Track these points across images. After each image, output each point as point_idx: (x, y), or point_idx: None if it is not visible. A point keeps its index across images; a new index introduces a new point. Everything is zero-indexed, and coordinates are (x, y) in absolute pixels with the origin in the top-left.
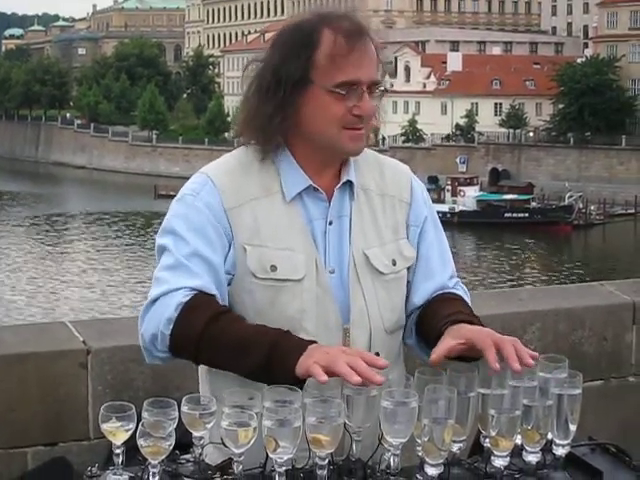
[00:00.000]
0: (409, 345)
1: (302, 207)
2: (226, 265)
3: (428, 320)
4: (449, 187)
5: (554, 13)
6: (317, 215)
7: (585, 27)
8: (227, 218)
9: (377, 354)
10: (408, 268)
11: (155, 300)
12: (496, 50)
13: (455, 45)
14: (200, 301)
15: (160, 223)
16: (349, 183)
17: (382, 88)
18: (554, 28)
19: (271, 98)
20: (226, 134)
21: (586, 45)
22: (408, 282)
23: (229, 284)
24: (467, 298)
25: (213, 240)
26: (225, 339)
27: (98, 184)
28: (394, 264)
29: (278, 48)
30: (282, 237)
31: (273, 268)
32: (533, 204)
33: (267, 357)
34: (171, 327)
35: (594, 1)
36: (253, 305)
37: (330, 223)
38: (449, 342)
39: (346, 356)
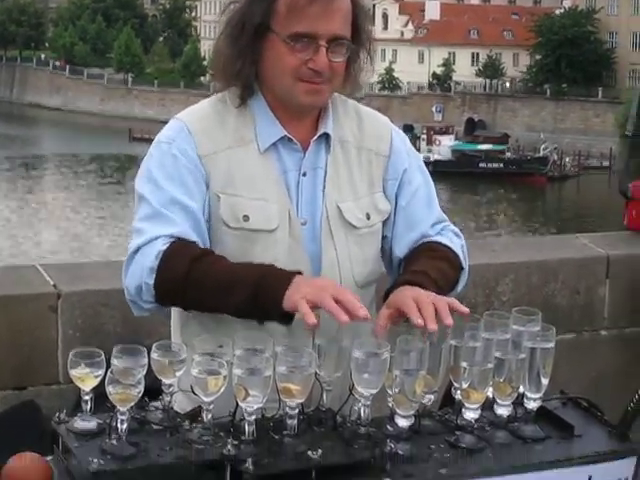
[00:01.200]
0: None
1: (276, 157)
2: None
3: None
4: (424, 136)
5: None
6: (291, 166)
7: None
8: (203, 165)
9: None
10: (384, 222)
11: (136, 251)
12: None
13: None
14: (180, 247)
15: (134, 166)
16: (326, 135)
17: (345, 42)
18: None
19: (236, 42)
20: (202, 78)
21: None
22: (385, 236)
23: None
24: (454, 241)
25: (190, 186)
26: (210, 280)
27: (73, 126)
28: (368, 218)
29: None
30: (256, 187)
31: (246, 218)
32: (508, 154)
33: (253, 292)
34: (154, 276)
35: None
36: (225, 255)
37: (304, 174)
38: (384, 313)
39: (332, 289)
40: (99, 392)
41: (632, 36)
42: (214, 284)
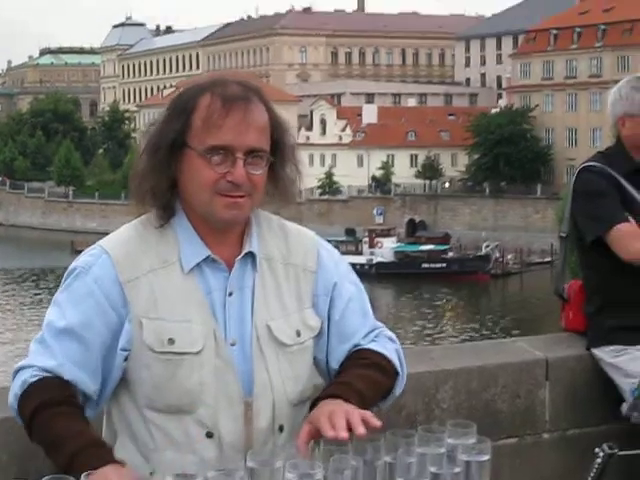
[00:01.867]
0: None
1: (201, 278)
2: (121, 341)
3: None
4: (366, 239)
5: (467, 64)
6: (216, 286)
7: (499, 77)
8: (122, 292)
9: (281, 427)
10: (317, 339)
11: (17, 371)
12: (411, 102)
13: (370, 97)
14: (40, 385)
15: None
16: (251, 254)
17: (263, 154)
18: (468, 79)
19: (152, 160)
20: None
21: (500, 95)
22: (315, 357)
23: (126, 359)
24: (388, 347)
25: (92, 318)
26: (44, 432)
27: (14, 241)
28: (298, 335)
29: (165, 110)
30: (179, 309)
31: (170, 341)
32: (450, 254)
33: (68, 464)
34: (17, 404)
35: (507, 52)
36: (152, 380)
37: (230, 294)
38: (305, 429)
39: None
40: None
41: (568, 132)
42: (46, 438)
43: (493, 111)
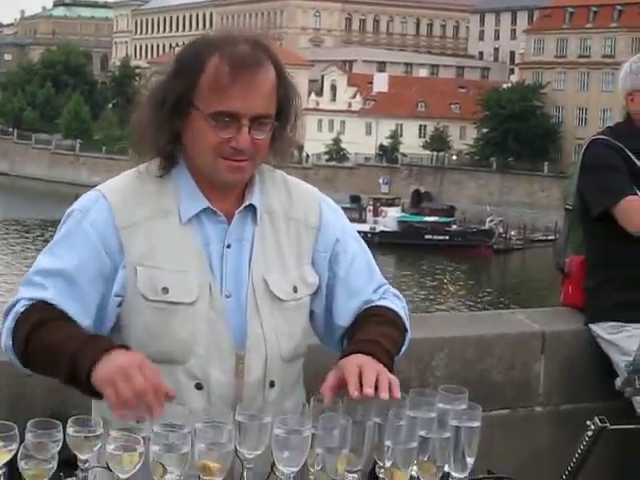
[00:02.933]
0: None
1: (199, 229)
2: (115, 287)
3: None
4: (371, 207)
5: (481, 38)
6: (215, 237)
7: (512, 53)
8: (118, 237)
9: (272, 382)
10: (313, 296)
11: (7, 312)
12: (422, 72)
13: (382, 66)
14: (32, 310)
15: None
16: (252, 206)
17: (268, 120)
18: (481, 53)
19: (157, 114)
20: None
21: (512, 71)
22: (313, 311)
23: (119, 305)
24: (397, 304)
25: (86, 263)
26: (43, 345)
27: (19, 191)
28: (295, 291)
29: (173, 64)
30: (176, 259)
31: (165, 290)
32: (454, 227)
33: (71, 364)
34: (11, 337)
35: (521, 28)
36: (144, 327)
37: (228, 246)
38: (333, 373)
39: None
40: (16, 466)
41: (578, 111)
42: (45, 351)
43: (504, 86)
